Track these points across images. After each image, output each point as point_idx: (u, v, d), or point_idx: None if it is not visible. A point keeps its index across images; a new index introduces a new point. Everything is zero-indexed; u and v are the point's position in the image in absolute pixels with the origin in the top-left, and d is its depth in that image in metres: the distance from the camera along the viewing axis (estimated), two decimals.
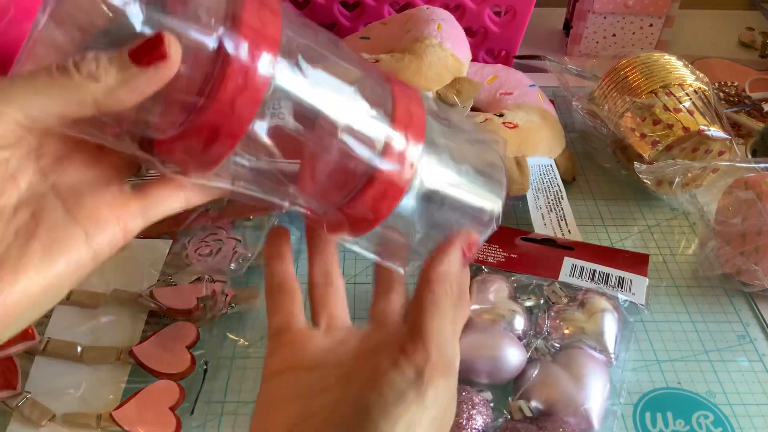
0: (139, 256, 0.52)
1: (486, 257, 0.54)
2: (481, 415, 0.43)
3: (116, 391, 0.45)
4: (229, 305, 0.50)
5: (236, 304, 0.51)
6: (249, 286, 0.53)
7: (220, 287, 0.50)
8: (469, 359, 0.45)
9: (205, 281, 0.50)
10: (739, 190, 0.55)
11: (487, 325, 0.48)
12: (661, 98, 0.61)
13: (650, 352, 0.50)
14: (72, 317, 0.48)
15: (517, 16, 0.75)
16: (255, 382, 0.47)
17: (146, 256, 0.52)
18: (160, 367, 0.45)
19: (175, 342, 0.46)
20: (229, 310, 0.50)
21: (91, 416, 0.43)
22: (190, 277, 0.51)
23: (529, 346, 0.48)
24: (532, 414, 0.44)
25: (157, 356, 0.45)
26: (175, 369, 0.45)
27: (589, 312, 0.49)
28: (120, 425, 0.42)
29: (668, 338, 0.51)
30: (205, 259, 0.53)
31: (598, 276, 0.52)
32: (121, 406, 0.43)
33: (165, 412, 0.43)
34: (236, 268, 0.52)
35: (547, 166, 0.61)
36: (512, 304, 0.49)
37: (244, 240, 0.55)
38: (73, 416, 0.43)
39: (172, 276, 0.51)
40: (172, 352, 0.46)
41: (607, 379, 0.45)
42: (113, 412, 0.42)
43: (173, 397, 0.43)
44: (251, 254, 0.54)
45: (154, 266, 0.52)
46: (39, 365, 0.46)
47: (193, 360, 0.46)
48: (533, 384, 0.45)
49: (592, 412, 0.43)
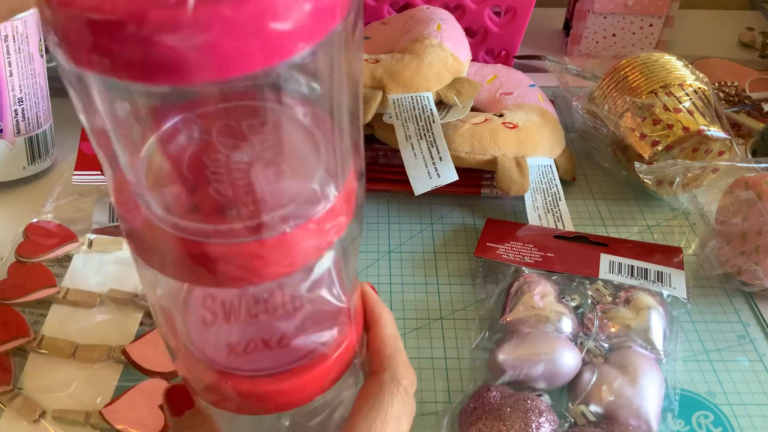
0: None
1: (523, 257, 0.53)
2: (549, 423, 0.42)
3: (108, 389, 0.45)
4: None
5: None
6: None
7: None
8: (527, 365, 0.44)
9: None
10: (740, 189, 0.55)
11: (539, 330, 0.47)
12: (661, 98, 0.61)
13: None
14: (68, 315, 0.49)
15: (517, 16, 0.75)
16: None
17: None
18: (152, 366, 0.45)
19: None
20: None
21: (81, 413, 0.43)
22: None
23: (581, 348, 0.47)
24: (594, 419, 0.43)
25: (149, 355, 0.45)
26: (167, 368, 0.45)
27: (635, 309, 0.48)
28: (109, 422, 0.42)
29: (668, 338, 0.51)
30: None
31: (637, 272, 0.52)
32: (111, 404, 0.43)
33: (155, 410, 0.43)
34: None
35: (547, 166, 0.61)
36: (559, 306, 0.49)
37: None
38: (62, 413, 0.43)
39: None
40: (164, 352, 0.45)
41: (661, 378, 0.45)
42: (103, 410, 0.42)
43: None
44: None
45: None
46: (32, 362, 0.46)
47: None
48: (592, 388, 0.44)
49: (651, 413, 0.43)
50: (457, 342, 0.51)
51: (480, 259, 0.55)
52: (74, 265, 0.52)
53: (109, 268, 0.52)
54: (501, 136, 0.59)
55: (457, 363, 0.49)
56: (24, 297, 0.49)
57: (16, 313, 0.48)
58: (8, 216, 0.59)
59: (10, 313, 0.48)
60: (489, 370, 0.46)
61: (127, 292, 0.49)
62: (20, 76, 0.61)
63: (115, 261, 0.52)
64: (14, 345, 0.46)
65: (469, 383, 0.47)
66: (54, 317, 0.48)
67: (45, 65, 0.63)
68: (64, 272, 0.52)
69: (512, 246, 0.54)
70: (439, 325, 0.52)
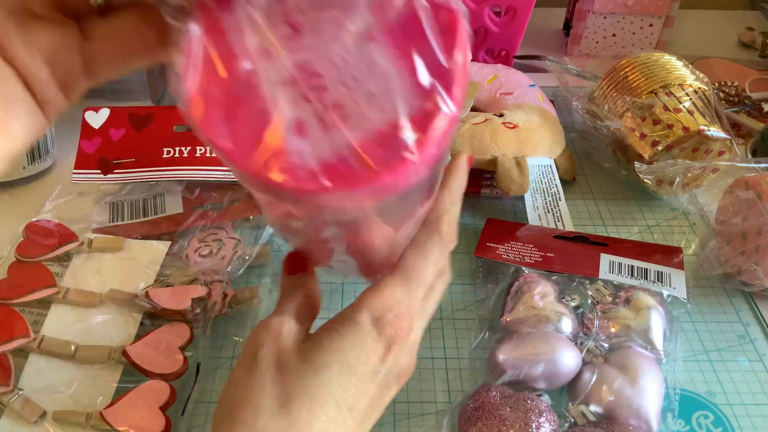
0: (137, 257, 0.52)
1: (523, 257, 0.53)
2: (549, 423, 0.42)
3: (108, 390, 0.45)
4: (228, 305, 0.50)
5: (236, 305, 0.51)
6: (249, 286, 0.53)
7: (219, 288, 0.50)
8: (527, 365, 0.44)
9: (200, 282, 0.50)
10: (740, 189, 0.55)
11: (539, 330, 0.47)
12: (661, 98, 0.61)
13: None
14: (68, 316, 0.48)
15: (517, 16, 0.75)
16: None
17: (144, 257, 0.52)
18: (153, 367, 0.45)
19: (168, 342, 0.46)
20: (228, 310, 0.50)
21: (81, 414, 0.43)
22: (186, 278, 0.51)
23: (581, 348, 0.47)
24: (594, 419, 0.43)
25: (149, 356, 0.45)
26: (168, 369, 0.45)
27: (635, 309, 0.48)
28: (109, 424, 0.42)
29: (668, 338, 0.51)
30: (204, 260, 0.53)
31: (637, 272, 0.52)
32: (111, 405, 0.43)
33: (155, 411, 0.42)
34: (233, 270, 0.52)
35: (547, 166, 0.61)
36: (559, 306, 0.49)
37: (244, 240, 0.55)
38: (63, 414, 0.43)
39: (169, 277, 0.51)
40: (165, 353, 0.45)
41: (661, 378, 0.45)
42: (103, 411, 0.42)
43: (164, 396, 0.43)
44: (249, 255, 0.53)
45: (151, 267, 0.52)
46: (33, 362, 0.46)
47: (185, 361, 0.46)
48: (592, 388, 0.44)
49: (651, 413, 0.43)
50: (457, 342, 0.51)
51: (480, 259, 0.55)
52: (74, 264, 0.52)
53: (109, 268, 0.52)
54: (501, 136, 0.59)
55: (457, 363, 0.49)
56: (24, 297, 0.49)
57: (16, 313, 0.48)
58: (8, 216, 0.59)
59: (10, 313, 0.48)
60: (489, 370, 0.46)
61: (127, 293, 0.49)
62: None
63: (115, 261, 0.52)
64: (14, 345, 0.45)
65: (469, 383, 0.47)
66: (54, 317, 0.48)
67: None
68: (64, 272, 0.52)
69: (512, 246, 0.54)
70: (439, 325, 0.52)
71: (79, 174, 0.58)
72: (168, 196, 0.58)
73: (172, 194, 0.58)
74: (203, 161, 0.58)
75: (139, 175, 0.57)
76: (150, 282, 0.51)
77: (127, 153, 0.59)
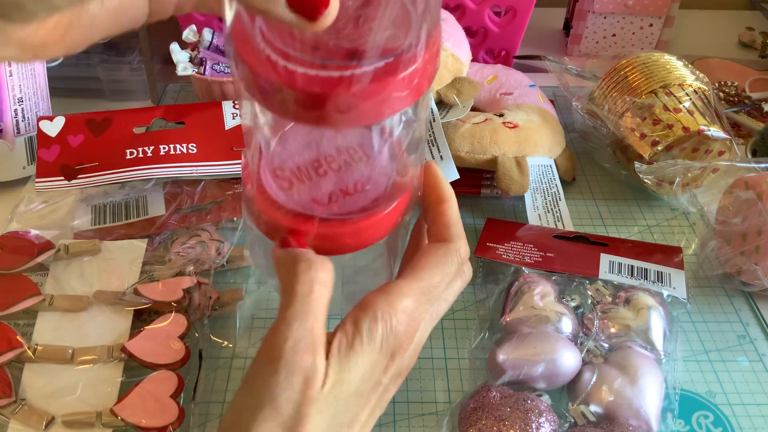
0: (118, 258, 0.52)
1: (523, 257, 0.53)
2: (549, 423, 0.42)
3: (113, 387, 0.44)
4: (212, 308, 0.50)
5: (220, 307, 0.51)
6: (233, 288, 0.53)
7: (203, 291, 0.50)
8: (527, 365, 0.44)
9: (188, 274, 0.50)
10: (740, 189, 0.55)
11: (539, 330, 0.47)
12: (661, 98, 0.61)
13: None
14: (58, 321, 0.48)
15: (517, 16, 0.75)
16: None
17: (124, 257, 0.52)
18: (155, 358, 0.45)
19: (166, 333, 0.46)
20: (212, 312, 0.50)
21: (92, 414, 0.42)
22: (171, 271, 0.51)
23: (581, 348, 0.47)
24: (594, 419, 0.43)
25: (149, 349, 0.45)
26: (171, 359, 0.45)
27: (635, 309, 0.48)
28: (123, 419, 0.42)
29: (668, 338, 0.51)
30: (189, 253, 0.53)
31: (637, 272, 0.52)
32: (121, 400, 0.43)
33: (166, 400, 0.42)
34: (217, 258, 0.52)
35: (547, 166, 0.61)
36: (559, 306, 0.49)
37: (227, 242, 0.55)
38: (73, 416, 0.43)
39: (154, 273, 0.51)
40: (165, 344, 0.45)
41: (661, 378, 0.45)
42: (114, 407, 0.42)
43: (172, 385, 0.43)
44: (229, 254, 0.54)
45: (133, 265, 0.51)
46: (31, 372, 0.45)
47: (187, 349, 0.46)
48: (592, 388, 0.44)
49: (651, 413, 0.43)
50: (457, 342, 0.51)
51: (480, 259, 0.55)
52: (53, 271, 0.51)
53: (92, 271, 0.51)
54: (501, 136, 0.59)
55: (457, 363, 0.49)
56: (9, 309, 0.48)
57: (4, 325, 0.47)
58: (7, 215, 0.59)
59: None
60: (489, 370, 0.46)
61: (114, 292, 0.49)
62: (20, 76, 0.61)
63: (98, 263, 0.52)
64: (8, 357, 0.45)
65: (469, 383, 0.47)
66: (43, 325, 0.48)
67: (45, 65, 0.63)
68: (44, 280, 0.51)
69: (512, 246, 0.54)
70: (439, 325, 0.51)
71: (42, 182, 0.57)
72: (150, 198, 0.58)
73: (154, 196, 0.59)
74: (168, 159, 0.58)
75: (105, 178, 0.57)
76: (135, 279, 0.50)
77: (89, 158, 0.58)
